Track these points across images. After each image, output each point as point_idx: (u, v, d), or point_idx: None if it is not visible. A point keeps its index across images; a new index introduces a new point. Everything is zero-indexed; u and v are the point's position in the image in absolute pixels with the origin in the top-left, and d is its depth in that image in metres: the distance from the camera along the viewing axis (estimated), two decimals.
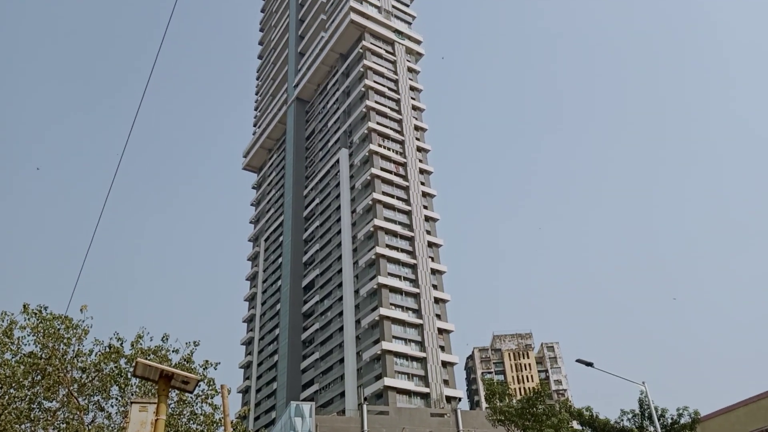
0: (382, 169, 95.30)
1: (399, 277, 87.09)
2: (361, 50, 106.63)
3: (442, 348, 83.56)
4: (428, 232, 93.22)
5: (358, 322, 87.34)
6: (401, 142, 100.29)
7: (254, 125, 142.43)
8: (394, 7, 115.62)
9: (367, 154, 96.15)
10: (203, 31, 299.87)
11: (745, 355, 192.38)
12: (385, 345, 78.93)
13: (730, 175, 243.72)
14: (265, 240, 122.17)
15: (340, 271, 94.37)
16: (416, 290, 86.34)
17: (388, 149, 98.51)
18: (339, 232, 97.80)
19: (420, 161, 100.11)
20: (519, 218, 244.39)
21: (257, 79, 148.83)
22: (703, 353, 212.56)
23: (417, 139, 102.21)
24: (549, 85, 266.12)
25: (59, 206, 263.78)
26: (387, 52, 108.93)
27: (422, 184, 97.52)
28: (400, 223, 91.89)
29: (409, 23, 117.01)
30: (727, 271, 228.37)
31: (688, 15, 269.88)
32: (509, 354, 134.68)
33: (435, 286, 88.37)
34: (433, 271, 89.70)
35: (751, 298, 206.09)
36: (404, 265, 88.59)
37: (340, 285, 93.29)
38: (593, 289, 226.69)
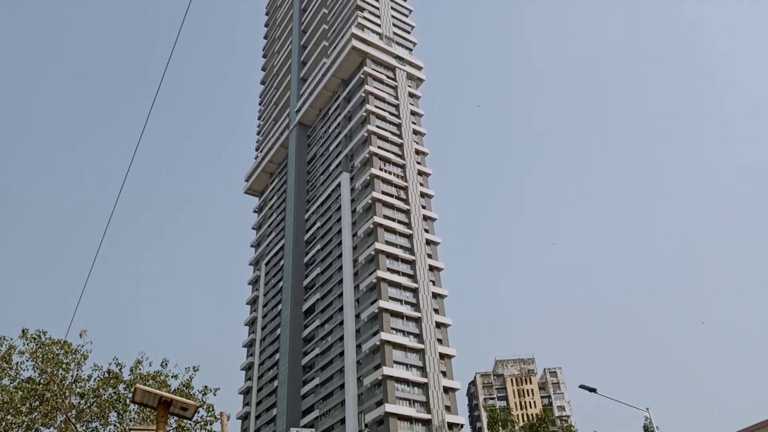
0: (384, 193, 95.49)
1: (400, 301, 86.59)
2: (362, 76, 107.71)
3: (444, 373, 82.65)
4: (429, 256, 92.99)
5: (359, 347, 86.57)
6: (402, 166, 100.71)
7: (256, 149, 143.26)
8: (395, 33, 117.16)
9: (368, 177, 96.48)
10: (206, 57, 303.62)
11: (752, 376, 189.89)
12: (386, 370, 78.10)
13: (727, 185, 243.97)
14: (266, 264, 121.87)
15: (340, 295, 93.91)
16: (417, 314, 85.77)
17: (389, 173, 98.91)
18: (340, 255, 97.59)
19: (421, 185, 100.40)
20: (517, 239, 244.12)
21: (260, 104, 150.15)
22: (709, 374, 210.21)
23: (418, 163, 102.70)
24: (544, 104, 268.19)
25: (61, 230, 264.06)
26: (388, 77, 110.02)
27: (423, 207, 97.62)
28: (402, 247, 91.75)
29: (410, 49, 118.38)
30: (732, 290, 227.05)
31: (675, 31, 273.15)
32: (512, 379, 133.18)
33: (436, 311, 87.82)
34: (435, 295, 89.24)
35: (757, 316, 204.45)
36: (405, 289, 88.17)
37: (340, 309, 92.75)
38: (596, 307, 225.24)
